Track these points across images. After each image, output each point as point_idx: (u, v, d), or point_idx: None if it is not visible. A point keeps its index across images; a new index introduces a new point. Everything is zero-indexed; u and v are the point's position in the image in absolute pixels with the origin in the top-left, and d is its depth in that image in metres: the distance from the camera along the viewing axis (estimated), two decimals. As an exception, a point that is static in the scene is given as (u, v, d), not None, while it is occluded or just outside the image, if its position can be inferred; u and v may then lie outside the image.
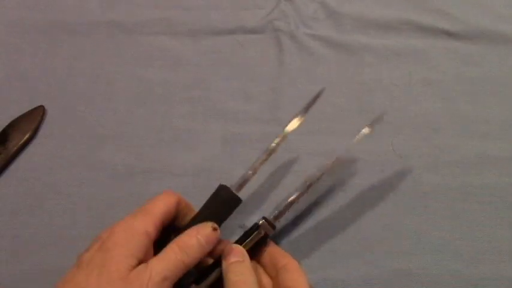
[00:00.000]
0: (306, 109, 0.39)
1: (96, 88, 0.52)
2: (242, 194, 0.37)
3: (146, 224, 0.32)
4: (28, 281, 0.42)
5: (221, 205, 0.35)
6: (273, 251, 0.36)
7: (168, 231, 0.35)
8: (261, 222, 0.35)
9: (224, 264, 0.33)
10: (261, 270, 0.36)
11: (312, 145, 0.48)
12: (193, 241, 0.32)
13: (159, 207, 0.33)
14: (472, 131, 0.49)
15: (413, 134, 0.49)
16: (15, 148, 0.47)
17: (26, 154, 0.48)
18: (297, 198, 0.37)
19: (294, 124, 0.39)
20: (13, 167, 0.47)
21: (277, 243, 0.44)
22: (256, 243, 0.35)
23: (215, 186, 0.37)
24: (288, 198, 0.37)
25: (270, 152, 0.38)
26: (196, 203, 0.37)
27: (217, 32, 0.56)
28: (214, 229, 0.33)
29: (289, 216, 0.45)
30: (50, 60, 0.54)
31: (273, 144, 0.38)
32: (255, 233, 0.35)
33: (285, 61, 0.53)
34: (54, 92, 0.52)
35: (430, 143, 0.49)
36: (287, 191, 0.46)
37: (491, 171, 0.47)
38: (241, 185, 0.36)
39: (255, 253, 0.36)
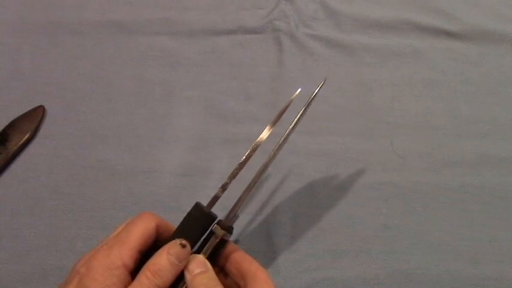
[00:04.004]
0: (278, 117, 0.37)
1: (96, 88, 0.52)
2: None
3: (123, 256, 0.31)
4: (28, 281, 0.42)
5: (194, 224, 0.34)
6: (239, 258, 0.34)
7: (150, 252, 0.33)
8: (214, 226, 0.34)
9: (188, 277, 0.31)
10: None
11: (312, 145, 0.48)
12: (165, 262, 0.31)
13: (136, 236, 0.32)
14: (472, 131, 0.49)
15: (413, 134, 0.49)
16: (15, 148, 0.47)
17: (26, 154, 0.48)
18: (245, 194, 0.35)
19: (265, 134, 0.36)
20: (13, 167, 0.47)
21: (276, 243, 0.44)
22: (215, 249, 0.33)
23: (215, 186, 0.37)
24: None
25: (241, 165, 0.35)
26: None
27: (217, 32, 0.56)
28: (183, 246, 0.32)
29: (288, 216, 0.45)
30: (50, 60, 0.54)
31: (243, 158, 0.35)
32: (211, 238, 0.33)
33: (285, 61, 0.53)
34: (54, 92, 0.52)
35: (430, 143, 0.49)
36: (287, 191, 0.46)
37: (491, 171, 0.47)
38: (212, 202, 0.34)
39: (217, 260, 0.34)
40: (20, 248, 0.44)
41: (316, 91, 0.38)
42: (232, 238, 0.35)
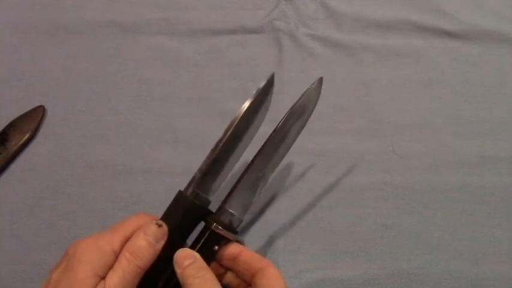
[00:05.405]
0: (257, 93, 0.37)
1: (96, 88, 0.52)
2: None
3: (113, 242, 0.31)
4: (28, 281, 0.42)
5: (174, 208, 0.34)
6: (247, 258, 0.34)
7: None
8: (207, 220, 0.34)
9: (178, 271, 0.32)
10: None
11: (312, 145, 0.48)
12: (142, 242, 0.31)
13: (130, 226, 0.33)
14: (472, 131, 0.49)
15: (413, 134, 0.49)
16: (15, 148, 0.47)
17: (26, 154, 0.48)
18: (239, 189, 0.35)
19: (243, 108, 0.36)
20: (13, 167, 0.47)
21: (277, 243, 0.44)
22: (209, 242, 0.33)
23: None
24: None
25: (218, 144, 0.35)
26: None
27: (217, 32, 0.56)
28: (159, 225, 0.32)
29: (288, 216, 0.45)
30: (50, 60, 0.54)
31: (222, 135, 0.35)
32: (205, 234, 0.34)
33: (285, 61, 0.53)
34: (54, 92, 0.52)
35: (430, 143, 0.49)
36: (287, 191, 0.46)
37: (491, 171, 0.47)
38: (189, 184, 0.35)
39: (225, 262, 0.35)
40: (20, 248, 0.44)
41: (306, 90, 0.37)
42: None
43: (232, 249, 0.35)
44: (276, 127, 0.36)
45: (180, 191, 0.35)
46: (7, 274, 0.42)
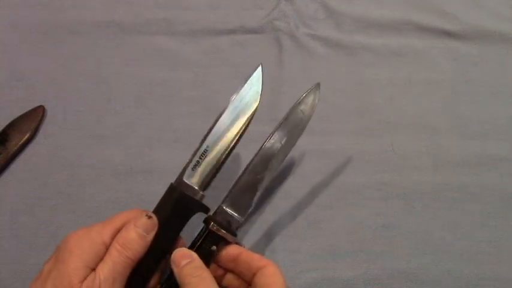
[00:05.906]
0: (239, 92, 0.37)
1: (96, 88, 0.52)
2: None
3: (103, 234, 0.31)
4: (28, 281, 0.42)
5: (164, 200, 0.34)
6: (247, 258, 0.34)
7: None
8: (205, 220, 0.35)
9: (175, 270, 0.32)
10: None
11: (312, 145, 0.48)
12: (133, 234, 0.31)
13: (121, 219, 0.33)
14: (472, 131, 0.49)
15: (413, 134, 0.49)
16: (15, 148, 0.47)
17: (26, 154, 0.48)
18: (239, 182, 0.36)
19: (230, 102, 0.36)
20: (13, 167, 0.47)
21: (277, 243, 0.44)
22: (207, 241, 0.34)
23: (215, 185, 0.37)
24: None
25: (207, 134, 0.36)
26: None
27: (217, 32, 0.56)
28: (149, 217, 0.32)
29: (288, 216, 0.45)
30: (50, 60, 0.54)
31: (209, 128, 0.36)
32: (203, 233, 0.34)
33: (285, 61, 0.53)
34: (54, 92, 0.52)
35: (430, 143, 0.49)
36: (287, 191, 0.46)
37: (491, 171, 0.47)
38: (181, 174, 0.35)
39: (225, 263, 0.35)
40: (20, 248, 0.43)
41: (304, 94, 0.38)
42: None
43: (232, 250, 0.35)
44: (272, 132, 0.36)
45: (171, 183, 0.35)
46: (7, 274, 0.42)
